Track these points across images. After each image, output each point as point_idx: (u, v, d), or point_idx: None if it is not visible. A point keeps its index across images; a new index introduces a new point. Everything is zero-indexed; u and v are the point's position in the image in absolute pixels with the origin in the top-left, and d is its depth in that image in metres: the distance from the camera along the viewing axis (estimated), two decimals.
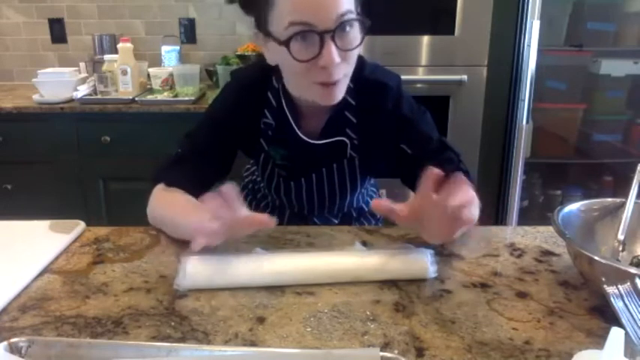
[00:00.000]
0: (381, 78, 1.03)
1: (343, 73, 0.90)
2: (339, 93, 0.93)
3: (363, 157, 1.07)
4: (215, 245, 0.81)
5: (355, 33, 0.88)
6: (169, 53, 2.61)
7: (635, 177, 0.87)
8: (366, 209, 1.24)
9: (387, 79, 1.04)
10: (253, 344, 0.66)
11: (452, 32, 2.18)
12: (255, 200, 1.26)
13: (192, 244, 0.78)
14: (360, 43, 0.89)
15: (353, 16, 0.86)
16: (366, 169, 1.10)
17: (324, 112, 1.00)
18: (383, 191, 1.43)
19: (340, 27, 0.85)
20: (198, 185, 0.99)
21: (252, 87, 1.04)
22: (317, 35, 0.84)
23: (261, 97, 1.04)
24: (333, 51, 0.85)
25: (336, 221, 1.19)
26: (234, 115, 1.04)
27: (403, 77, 1.06)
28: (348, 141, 1.05)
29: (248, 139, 1.07)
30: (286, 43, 0.86)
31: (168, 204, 0.97)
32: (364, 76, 1.02)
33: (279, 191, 1.14)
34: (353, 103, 1.02)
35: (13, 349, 0.60)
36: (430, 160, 1.02)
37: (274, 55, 0.92)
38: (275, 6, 0.86)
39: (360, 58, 1.04)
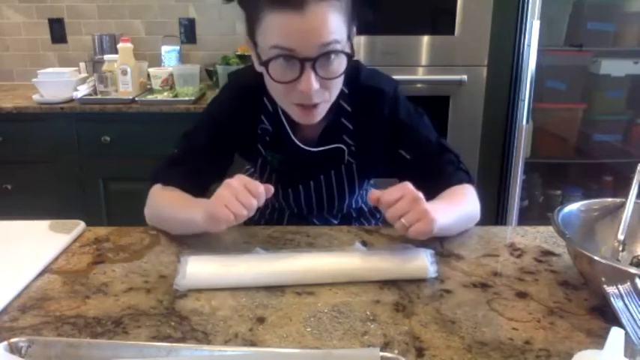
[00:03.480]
0: (377, 84, 1.03)
1: (322, 99, 0.90)
2: (318, 115, 0.93)
3: (361, 162, 1.07)
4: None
5: (339, 62, 0.87)
6: (169, 53, 2.61)
7: (635, 177, 0.87)
8: (366, 209, 1.24)
9: (383, 84, 1.04)
10: (253, 344, 0.66)
11: (452, 32, 2.18)
12: None
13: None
14: (343, 73, 0.89)
15: (338, 47, 0.85)
16: (364, 173, 1.10)
17: (320, 120, 1.00)
18: None
19: (323, 56, 0.84)
20: (194, 186, 0.99)
21: (249, 91, 1.03)
22: (298, 61, 0.84)
23: (258, 102, 1.04)
24: (311, 79, 0.85)
25: (336, 222, 1.19)
26: (232, 118, 1.04)
27: (403, 77, 1.06)
28: (345, 147, 1.05)
29: (246, 143, 1.07)
30: (265, 63, 0.86)
31: (167, 201, 0.97)
32: (360, 83, 1.01)
33: (277, 196, 1.13)
34: (349, 109, 1.02)
35: (13, 349, 0.60)
36: (429, 162, 1.02)
37: (259, 65, 0.92)
38: (261, 22, 0.85)
39: (357, 64, 1.03)
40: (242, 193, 0.81)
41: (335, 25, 0.84)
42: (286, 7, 0.81)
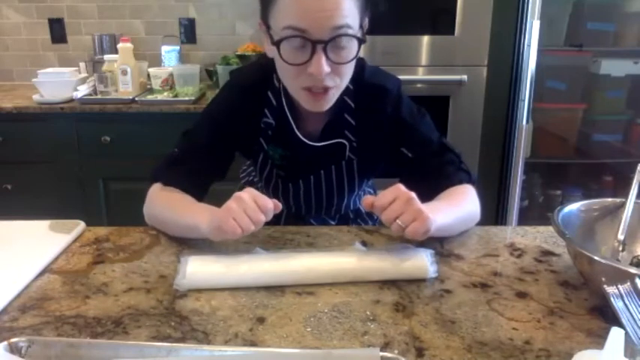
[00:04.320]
0: (381, 81, 1.04)
1: (333, 84, 0.90)
2: (327, 102, 0.93)
3: (361, 159, 1.07)
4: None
5: (350, 47, 0.88)
6: (169, 53, 2.61)
7: (635, 177, 0.87)
8: (364, 211, 1.24)
9: (387, 82, 1.04)
10: (253, 344, 0.66)
11: (452, 32, 2.18)
12: None
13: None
14: (354, 59, 0.90)
15: (350, 31, 0.86)
16: (364, 171, 1.10)
17: (323, 114, 1.00)
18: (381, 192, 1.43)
19: (335, 40, 0.85)
20: (194, 185, 0.99)
21: (253, 88, 1.04)
22: (310, 43, 0.84)
23: (262, 97, 1.04)
24: (322, 61, 0.85)
25: (333, 223, 1.19)
26: (234, 117, 1.04)
27: (403, 77, 1.06)
28: (347, 143, 1.05)
29: (247, 140, 1.07)
30: (277, 43, 0.87)
31: (169, 203, 0.97)
32: (364, 80, 1.02)
33: (276, 192, 1.13)
34: (352, 105, 1.03)
35: (13, 349, 0.60)
36: (430, 162, 1.02)
37: (271, 49, 0.92)
38: (276, 3, 0.86)
39: (361, 61, 1.04)
40: (251, 208, 0.81)
41: (348, 10, 0.85)
42: None
